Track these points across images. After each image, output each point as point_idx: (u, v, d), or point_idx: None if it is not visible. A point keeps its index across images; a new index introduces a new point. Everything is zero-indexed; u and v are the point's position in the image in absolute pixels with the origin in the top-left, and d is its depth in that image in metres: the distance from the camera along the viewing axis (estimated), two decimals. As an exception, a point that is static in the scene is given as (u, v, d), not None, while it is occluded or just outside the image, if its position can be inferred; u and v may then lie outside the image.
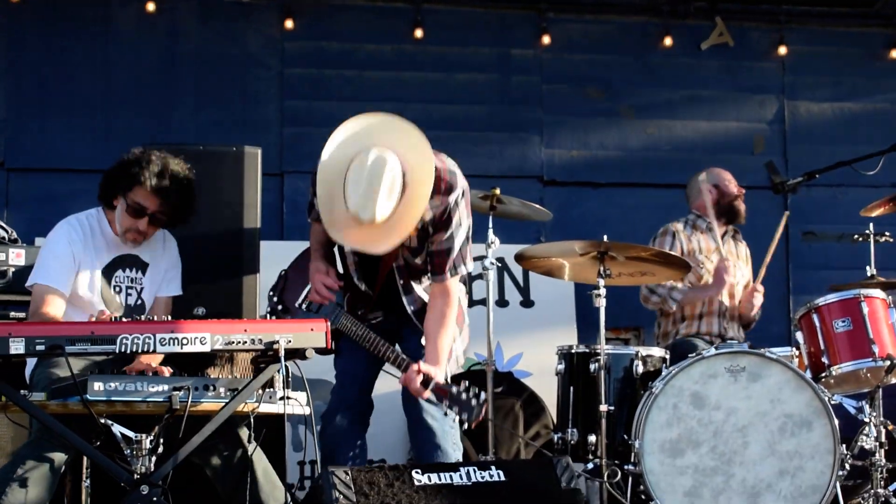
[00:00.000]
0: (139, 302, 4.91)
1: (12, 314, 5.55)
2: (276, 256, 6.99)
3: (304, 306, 4.96)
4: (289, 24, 7.82)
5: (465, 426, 4.82)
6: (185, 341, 3.87)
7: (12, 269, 5.63)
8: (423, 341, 4.85)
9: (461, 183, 4.77)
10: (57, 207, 7.31)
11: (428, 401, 4.73)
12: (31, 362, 4.63)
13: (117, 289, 4.84)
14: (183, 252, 5.20)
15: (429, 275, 4.91)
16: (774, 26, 8.33)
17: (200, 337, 3.90)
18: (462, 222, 4.80)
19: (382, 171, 4.43)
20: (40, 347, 3.67)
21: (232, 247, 5.65)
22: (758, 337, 6.42)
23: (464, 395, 4.62)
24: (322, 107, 7.75)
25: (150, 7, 7.67)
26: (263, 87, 7.86)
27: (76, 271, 4.73)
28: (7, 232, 5.80)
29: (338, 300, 4.92)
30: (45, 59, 7.64)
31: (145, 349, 3.83)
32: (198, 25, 7.84)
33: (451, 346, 4.87)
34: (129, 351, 3.80)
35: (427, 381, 4.63)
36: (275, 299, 5.10)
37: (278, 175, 7.69)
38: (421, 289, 4.98)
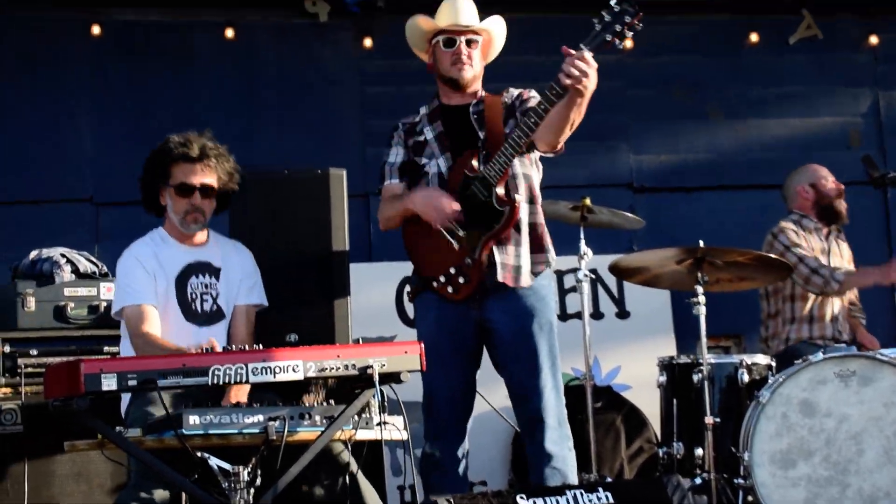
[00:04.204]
0: (215, 308, 4.84)
1: (106, 349, 5.54)
2: (365, 279, 7.01)
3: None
4: (367, 42, 7.78)
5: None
6: (277, 370, 3.80)
7: (104, 304, 5.62)
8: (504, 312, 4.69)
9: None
10: (146, 239, 7.39)
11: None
12: (125, 398, 4.60)
13: (193, 296, 4.80)
14: (272, 277, 5.14)
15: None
16: (864, 17, 8.11)
17: (293, 365, 3.82)
18: None
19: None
20: (132, 382, 3.62)
21: (321, 271, 5.58)
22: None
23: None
24: (404, 125, 7.66)
25: (229, 33, 7.69)
26: (344, 108, 7.82)
27: (154, 284, 4.72)
28: (98, 266, 5.80)
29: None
30: (128, 91, 7.69)
31: (238, 379, 3.77)
32: (276, 49, 7.84)
33: None
34: (221, 382, 3.74)
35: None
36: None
37: (363, 196, 7.63)
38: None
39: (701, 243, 5.41)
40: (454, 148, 4.76)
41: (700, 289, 5.37)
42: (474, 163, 4.64)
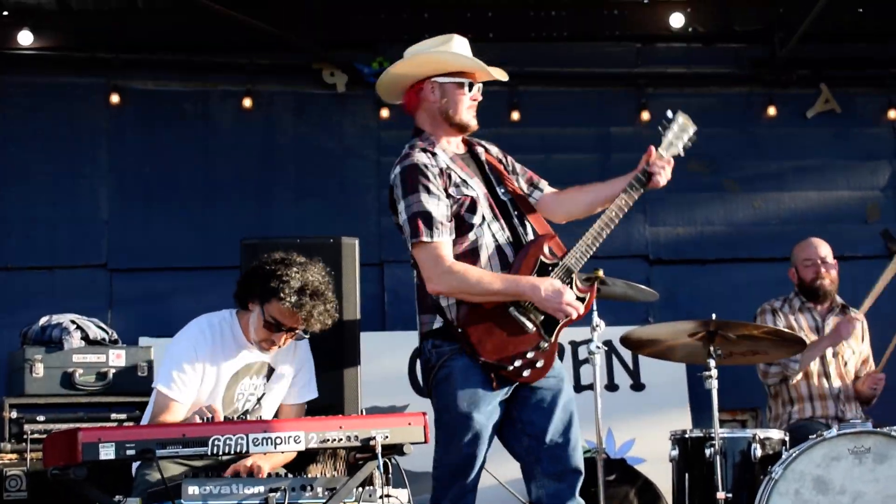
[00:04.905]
0: (256, 406, 4.68)
1: (114, 416, 5.53)
2: (378, 347, 6.99)
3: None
4: (384, 112, 7.83)
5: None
6: (278, 440, 3.77)
7: (113, 371, 5.62)
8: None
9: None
10: (160, 306, 7.43)
11: None
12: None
13: (240, 396, 4.62)
14: (283, 346, 5.12)
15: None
16: (882, 90, 8.11)
17: (294, 436, 3.79)
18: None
19: None
20: (130, 452, 3.59)
21: (332, 339, 5.52)
22: (882, 414, 6.11)
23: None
24: (420, 194, 7.67)
25: (247, 103, 7.76)
26: (361, 177, 7.86)
27: (201, 380, 4.53)
28: (108, 333, 5.80)
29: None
30: (146, 158, 7.77)
31: (238, 450, 3.73)
32: (294, 118, 7.90)
33: None
34: (220, 453, 3.70)
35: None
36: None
37: (378, 265, 7.63)
38: None
39: (714, 316, 5.35)
40: (503, 213, 4.43)
41: (713, 362, 5.29)
42: (546, 248, 4.38)
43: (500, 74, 4.51)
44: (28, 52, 7.63)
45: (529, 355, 4.27)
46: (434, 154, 4.36)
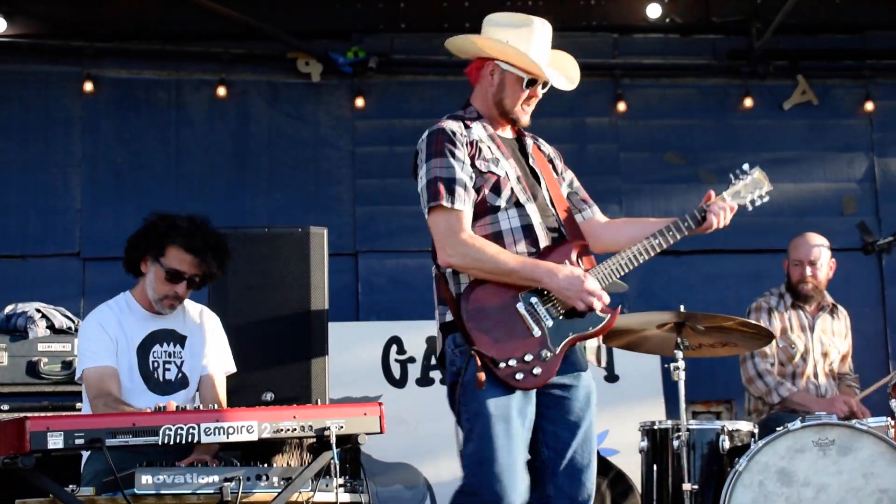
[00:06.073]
0: (180, 375, 4.73)
1: (78, 405, 5.48)
2: (351, 338, 6.97)
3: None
4: (359, 102, 7.80)
5: None
6: (231, 430, 3.75)
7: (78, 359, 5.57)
8: None
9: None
10: (132, 295, 7.36)
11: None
12: (86, 454, 4.53)
13: (155, 364, 4.69)
14: (250, 336, 5.14)
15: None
16: (859, 82, 8.09)
17: (247, 425, 3.78)
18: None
19: None
20: (79, 441, 3.58)
21: (300, 329, 5.54)
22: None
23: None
24: (394, 184, 7.67)
25: (221, 91, 7.72)
26: (335, 167, 7.83)
27: (115, 350, 4.63)
28: (74, 322, 5.76)
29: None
30: (119, 147, 7.74)
31: (189, 440, 3.71)
32: (268, 108, 7.87)
33: None
34: (172, 442, 3.68)
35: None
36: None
37: (352, 255, 7.61)
38: None
39: (682, 308, 5.33)
40: (538, 202, 4.16)
41: (679, 353, 5.28)
42: (574, 254, 4.08)
43: (563, 84, 4.30)
44: (1, 40, 7.58)
45: (528, 358, 3.92)
46: (468, 126, 4.14)
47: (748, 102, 7.98)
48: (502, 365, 3.88)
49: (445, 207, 3.96)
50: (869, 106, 8.01)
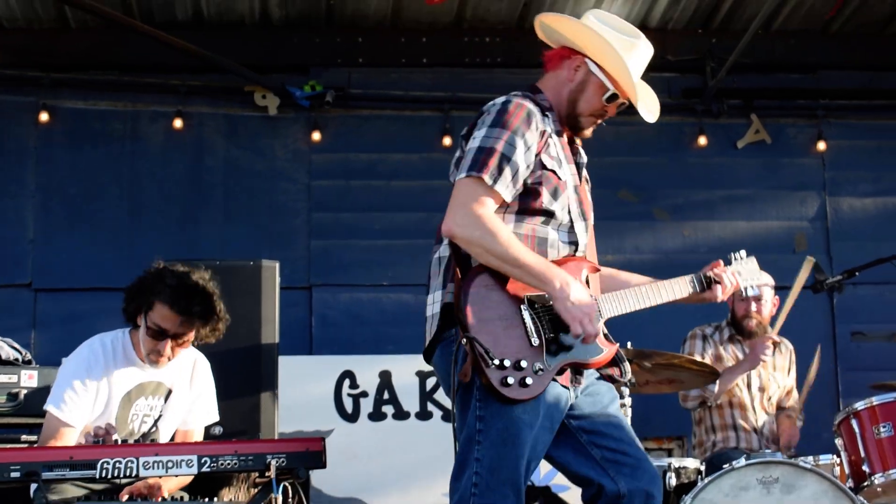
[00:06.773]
0: (153, 429, 4.62)
1: (24, 437, 5.45)
2: (303, 372, 6.95)
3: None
4: (316, 136, 7.81)
5: None
6: (170, 464, 3.73)
7: (24, 391, 5.52)
8: None
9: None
10: (84, 326, 7.26)
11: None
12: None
13: (134, 417, 4.57)
14: (199, 369, 5.07)
15: None
16: (812, 122, 8.18)
17: (186, 459, 3.75)
18: None
19: None
20: (15, 474, 3.54)
21: (249, 363, 5.54)
22: (806, 444, 6.14)
23: None
24: (349, 218, 7.69)
25: (178, 123, 7.71)
26: (291, 200, 7.83)
27: (93, 401, 4.48)
28: (21, 353, 5.71)
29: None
30: (73, 178, 7.70)
31: (128, 473, 3.69)
32: (225, 140, 7.87)
33: None
34: (110, 476, 3.66)
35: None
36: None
37: (306, 289, 7.60)
38: None
39: (629, 345, 5.36)
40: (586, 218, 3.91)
41: (626, 391, 5.29)
42: (585, 274, 3.82)
43: (647, 115, 4.00)
44: (-42, 70, 7.56)
45: (522, 364, 3.55)
46: (546, 115, 3.81)
47: (702, 140, 8.04)
48: (496, 361, 3.53)
49: (483, 181, 3.59)
50: (821, 145, 8.10)
